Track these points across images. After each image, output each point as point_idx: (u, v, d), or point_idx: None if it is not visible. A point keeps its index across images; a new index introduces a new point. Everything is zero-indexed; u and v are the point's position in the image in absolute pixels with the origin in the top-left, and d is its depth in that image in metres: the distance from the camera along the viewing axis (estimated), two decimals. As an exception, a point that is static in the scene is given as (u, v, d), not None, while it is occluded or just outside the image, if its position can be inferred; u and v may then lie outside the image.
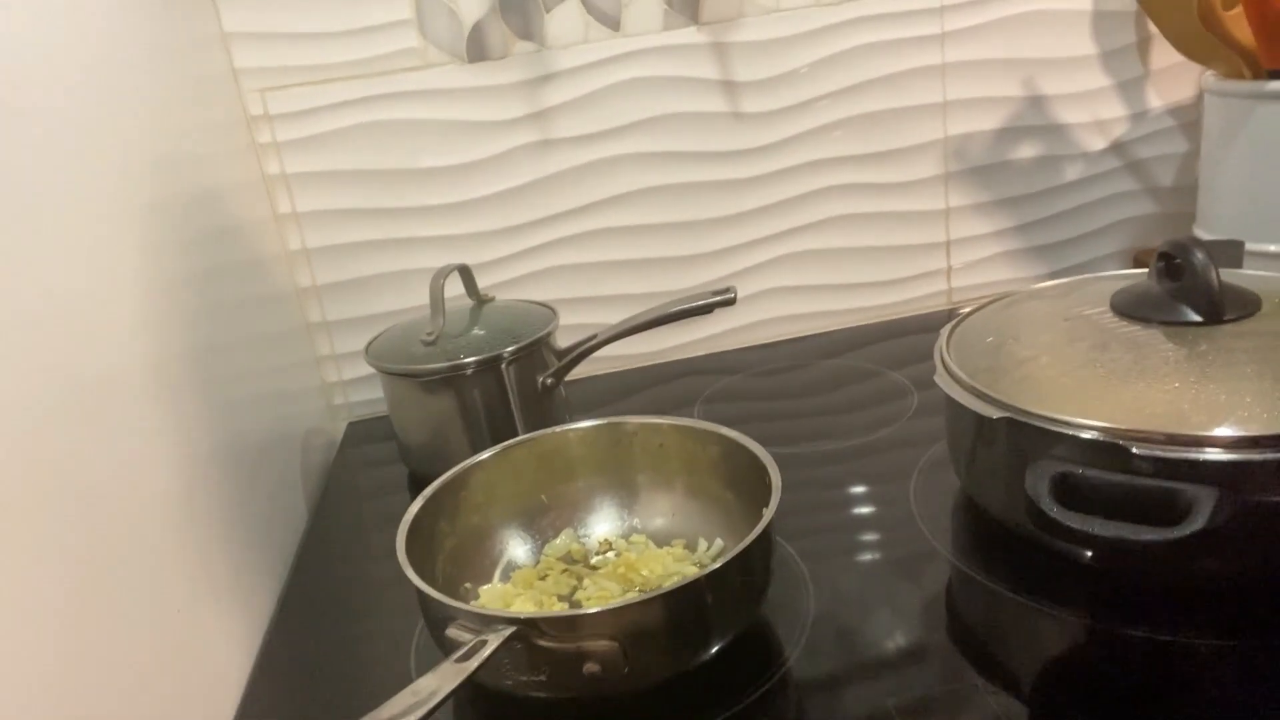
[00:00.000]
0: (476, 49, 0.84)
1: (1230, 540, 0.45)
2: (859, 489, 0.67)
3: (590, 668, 0.43)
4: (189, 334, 0.60)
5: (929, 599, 0.55)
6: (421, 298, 0.78)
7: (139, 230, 0.55)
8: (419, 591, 0.47)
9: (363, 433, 0.91)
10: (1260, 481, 0.45)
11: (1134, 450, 0.46)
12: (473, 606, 0.44)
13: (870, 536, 0.61)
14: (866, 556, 0.60)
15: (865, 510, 0.65)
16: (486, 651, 0.40)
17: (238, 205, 0.77)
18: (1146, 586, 0.51)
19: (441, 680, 0.38)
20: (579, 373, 0.78)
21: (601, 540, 0.61)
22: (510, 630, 0.42)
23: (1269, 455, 0.44)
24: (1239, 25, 0.80)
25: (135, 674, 0.45)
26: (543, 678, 0.44)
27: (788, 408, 0.83)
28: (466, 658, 0.40)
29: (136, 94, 0.60)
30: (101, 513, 0.45)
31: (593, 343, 0.74)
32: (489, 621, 0.43)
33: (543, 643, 0.43)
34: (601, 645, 0.43)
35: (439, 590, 0.54)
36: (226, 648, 0.56)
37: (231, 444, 0.65)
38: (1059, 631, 0.51)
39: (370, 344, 0.77)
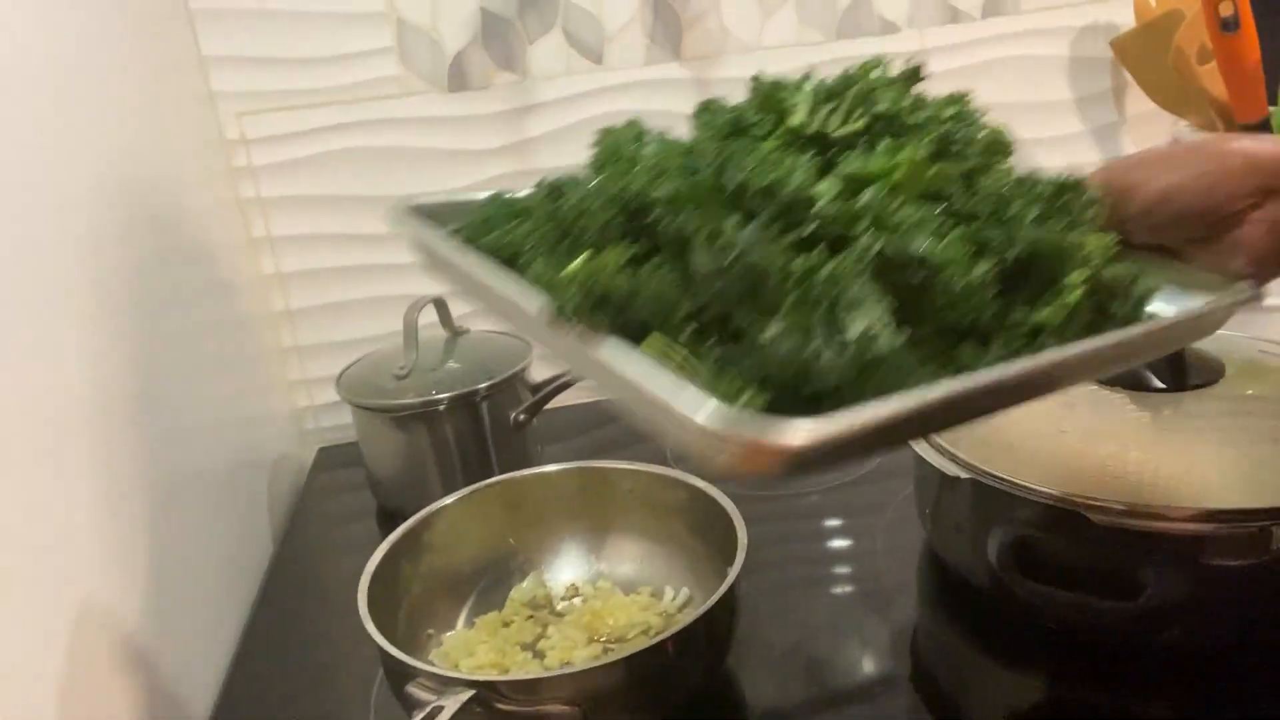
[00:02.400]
0: (458, 78, 0.84)
1: (1189, 612, 0.46)
2: (825, 534, 0.68)
3: (549, 730, 0.43)
4: (155, 357, 0.59)
5: (893, 649, 0.55)
6: (395, 324, 0.78)
7: (107, 251, 0.55)
8: (380, 650, 0.46)
9: (333, 458, 0.90)
10: (1219, 555, 0.45)
11: (1093, 519, 0.47)
12: (431, 666, 0.43)
13: (835, 573, 0.62)
14: (830, 594, 0.60)
15: (830, 556, 0.65)
16: (444, 717, 0.40)
17: (211, 228, 0.77)
18: (1106, 651, 0.52)
19: (398, 750, 0.38)
20: (552, 403, 0.78)
21: (568, 585, 0.61)
22: (468, 694, 0.42)
23: (1227, 528, 0.45)
24: (1213, 79, 0.81)
25: (85, 710, 0.45)
26: (501, 739, 0.44)
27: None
28: (423, 725, 0.40)
29: (108, 113, 0.59)
30: (55, 541, 0.45)
31: (565, 379, 0.74)
32: (447, 683, 0.43)
33: (501, 706, 0.43)
34: (561, 709, 0.43)
35: (402, 636, 0.54)
36: (187, 686, 0.56)
37: (197, 470, 0.64)
38: (1019, 690, 0.51)
39: (342, 375, 0.76)
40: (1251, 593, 0.47)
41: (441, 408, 0.70)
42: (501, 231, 0.40)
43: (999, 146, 0.41)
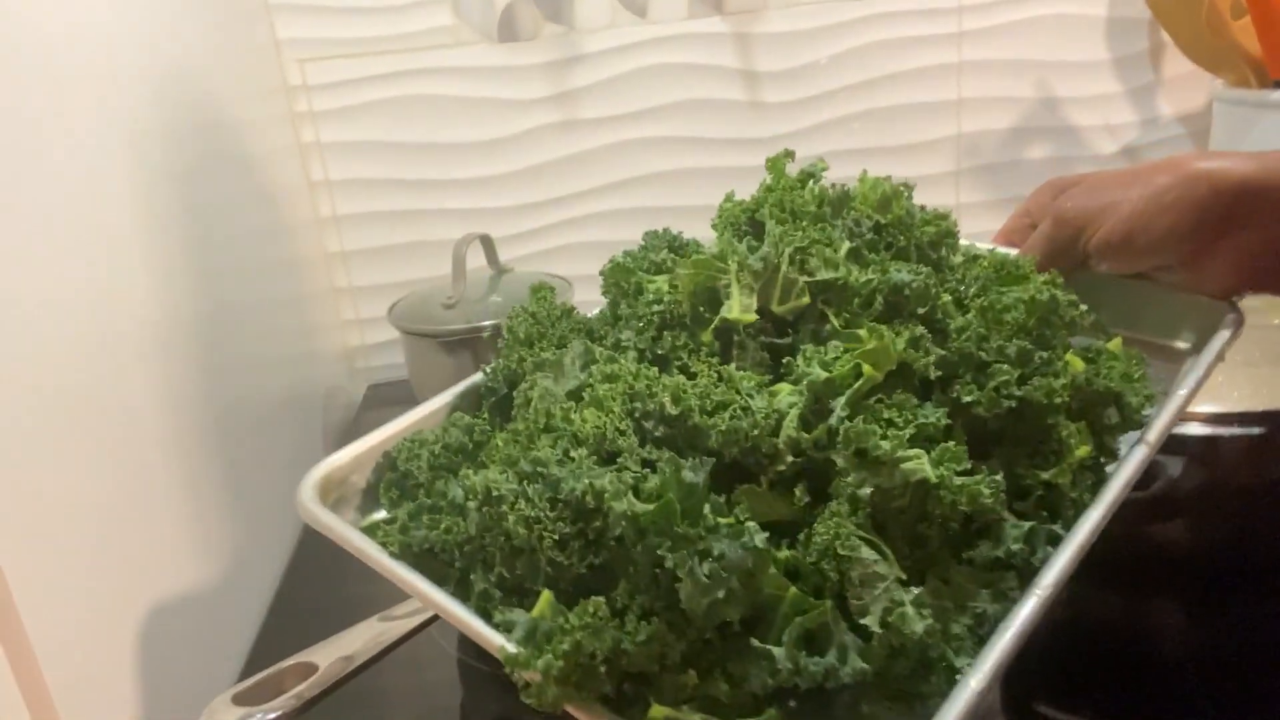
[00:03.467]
0: (507, 29, 0.88)
1: (1195, 509, 0.48)
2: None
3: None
4: (217, 293, 0.63)
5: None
6: (444, 268, 0.81)
7: (175, 189, 0.59)
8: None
9: (382, 394, 0.94)
10: (1223, 455, 0.47)
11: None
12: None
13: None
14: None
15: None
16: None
17: (274, 170, 0.81)
18: (1119, 557, 0.54)
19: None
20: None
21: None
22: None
23: (1235, 431, 0.47)
24: (1247, 35, 0.82)
25: (133, 624, 0.49)
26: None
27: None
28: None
29: (179, 58, 0.63)
30: (102, 461, 0.49)
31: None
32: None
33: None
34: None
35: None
36: (245, 588, 0.60)
37: (255, 400, 0.68)
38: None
39: (393, 306, 0.80)
40: (1253, 493, 0.49)
41: (485, 334, 0.74)
42: (429, 529, 0.34)
43: (943, 234, 0.41)
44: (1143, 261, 0.41)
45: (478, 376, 0.42)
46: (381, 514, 0.37)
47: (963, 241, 0.44)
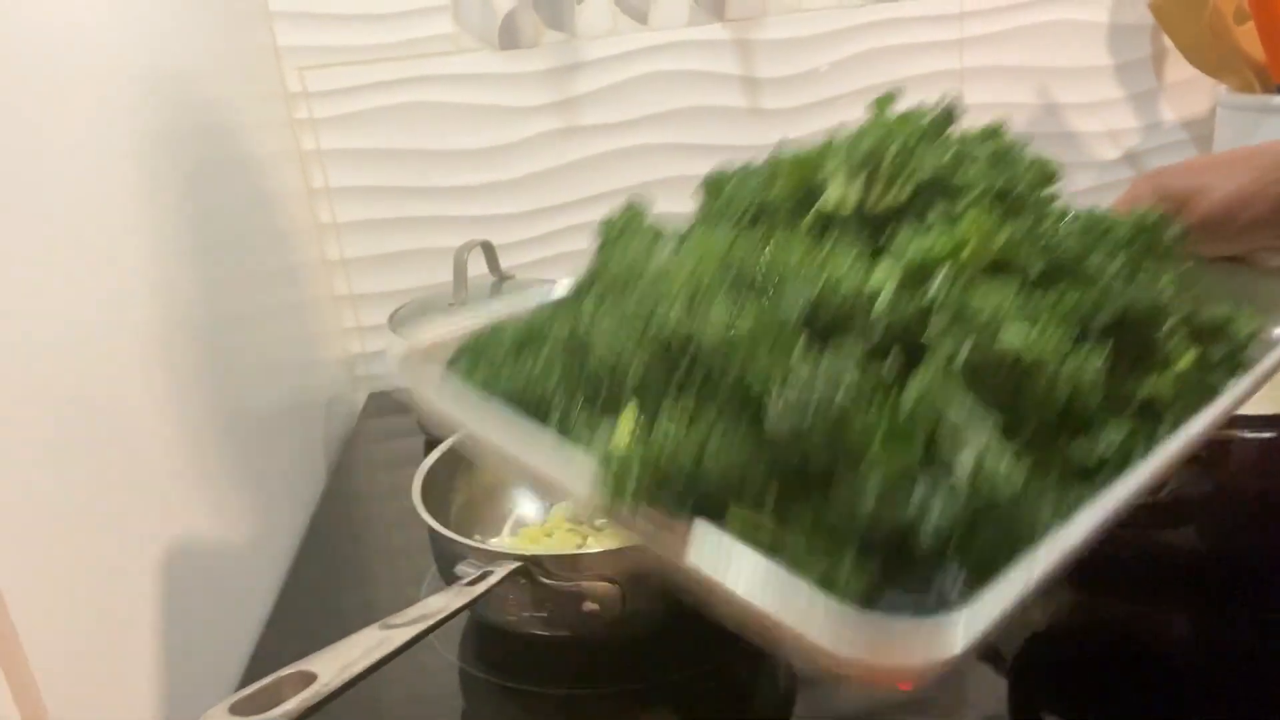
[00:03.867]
0: (508, 36, 0.87)
1: (1205, 513, 0.47)
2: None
3: (589, 606, 0.46)
4: (218, 301, 0.63)
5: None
6: (445, 275, 0.81)
7: (175, 196, 0.58)
8: (431, 532, 0.49)
9: (382, 403, 0.94)
10: (1232, 458, 0.47)
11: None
12: (479, 544, 0.46)
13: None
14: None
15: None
16: (492, 580, 0.43)
17: (273, 178, 0.81)
18: (1127, 562, 0.53)
19: (449, 600, 0.41)
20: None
21: (607, 503, 0.64)
22: (514, 565, 0.45)
23: (1245, 434, 0.46)
24: (1250, 40, 0.82)
25: (143, 626, 0.48)
26: (544, 614, 0.47)
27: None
28: (473, 583, 0.42)
29: (181, 64, 0.63)
30: (111, 465, 0.48)
31: (607, 320, 0.77)
32: (495, 558, 0.46)
33: (545, 579, 0.46)
34: (601, 585, 0.45)
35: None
36: (246, 599, 0.59)
37: (253, 408, 0.68)
38: (1041, 605, 0.53)
39: (394, 314, 0.80)
40: (1265, 497, 0.49)
41: (488, 342, 0.74)
42: (516, 371, 0.34)
43: (1046, 176, 0.39)
44: (1242, 241, 0.40)
45: (566, 283, 0.41)
46: None
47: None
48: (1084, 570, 0.53)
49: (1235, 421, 0.47)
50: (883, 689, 0.24)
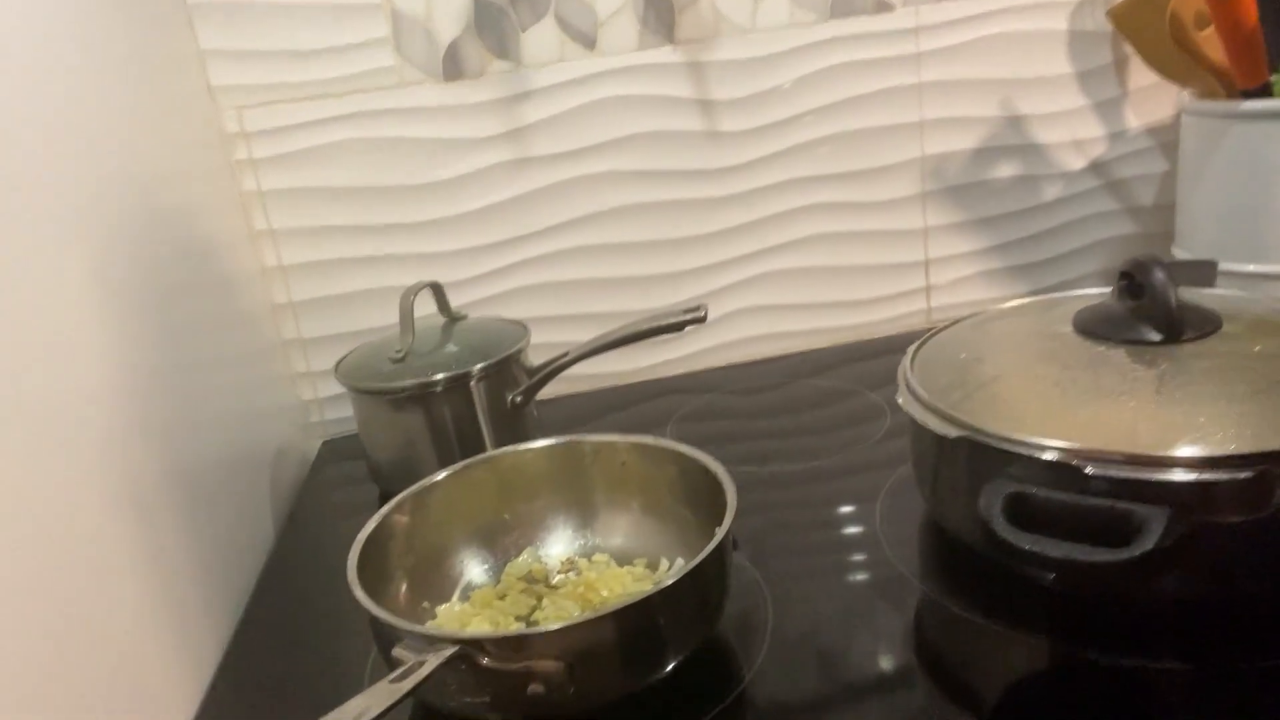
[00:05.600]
0: (452, 67, 0.85)
1: (1183, 561, 0.44)
2: (825, 510, 0.67)
3: (535, 689, 0.43)
4: (153, 351, 0.60)
5: (890, 621, 0.54)
6: (397, 315, 0.78)
7: (104, 248, 0.55)
8: (366, 610, 0.46)
9: (337, 451, 0.90)
10: (1212, 502, 0.44)
11: (1087, 470, 0.46)
12: (415, 627, 0.43)
13: (835, 558, 0.61)
14: (830, 578, 0.59)
15: (831, 531, 0.64)
16: (424, 672, 0.40)
17: (212, 222, 0.77)
18: (1108, 609, 0.51)
19: (371, 700, 0.38)
20: (552, 392, 0.78)
21: (564, 559, 0.61)
22: (451, 650, 0.42)
23: (1221, 476, 0.44)
24: (1212, 45, 0.80)
25: (77, 695, 0.45)
26: (487, 699, 0.44)
27: (760, 428, 0.83)
28: (402, 678, 0.39)
29: (107, 109, 0.60)
30: (49, 527, 0.45)
31: (563, 361, 0.74)
32: (432, 642, 0.43)
33: (486, 663, 0.42)
34: (547, 666, 0.42)
35: (397, 611, 0.54)
36: (179, 669, 0.56)
37: (196, 463, 0.64)
38: (1020, 655, 0.50)
39: (340, 362, 0.76)
40: (1251, 541, 0.46)
41: (438, 389, 0.70)
42: None
43: None
44: None
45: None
46: None
47: None
48: (1066, 619, 0.51)
49: (1208, 462, 0.44)
50: None
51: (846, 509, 0.66)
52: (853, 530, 0.64)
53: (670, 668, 0.47)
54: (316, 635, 0.61)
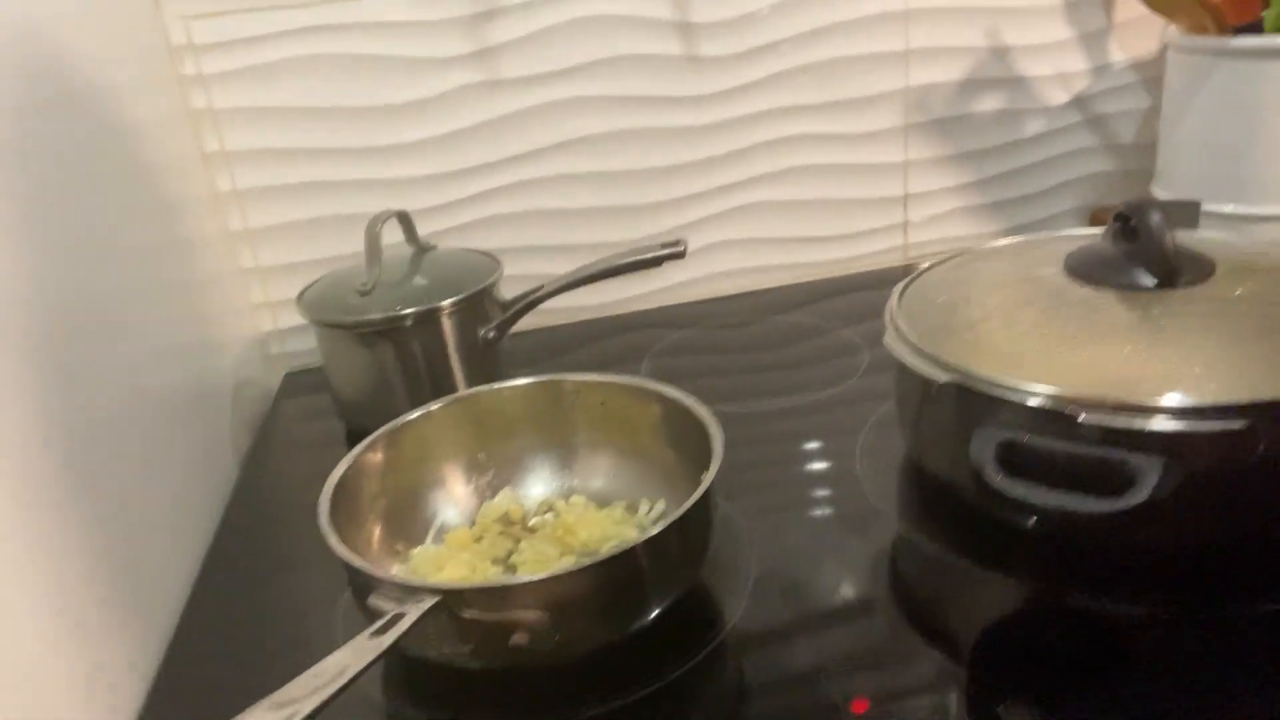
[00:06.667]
0: (418, -20, 0.79)
1: (1174, 512, 0.44)
2: (805, 447, 0.66)
3: (518, 639, 0.41)
4: (103, 278, 0.56)
5: (872, 560, 0.54)
6: (361, 243, 0.74)
7: (43, 168, 0.51)
8: (340, 558, 0.45)
9: (300, 383, 0.87)
10: (1206, 452, 0.44)
11: (1080, 418, 0.45)
12: (394, 576, 0.42)
13: (815, 495, 0.60)
14: (810, 516, 0.58)
15: (811, 469, 0.64)
16: (404, 625, 0.38)
17: (158, 141, 0.73)
18: (1089, 555, 0.51)
19: (352, 657, 0.36)
20: (524, 325, 0.76)
21: (541, 501, 0.59)
22: (432, 601, 0.40)
23: (1215, 426, 0.43)
24: (1205, -22, 0.78)
25: (10, 664, 0.43)
26: (468, 649, 0.42)
27: (738, 363, 0.81)
28: (382, 632, 0.38)
29: (44, 15, 0.55)
30: (-6, 474, 0.42)
31: (537, 295, 0.72)
32: (411, 591, 0.41)
33: (468, 614, 0.41)
34: (529, 616, 0.41)
35: (370, 553, 0.53)
36: (139, 622, 0.54)
37: (146, 398, 0.61)
38: (1001, 597, 0.50)
39: (303, 293, 0.73)
40: (1241, 489, 0.46)
41: (407, 324, 0.68)
42: None
43: None
44: None
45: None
46: None
47: None
48: (1047, 562, 0.51)
49: (1203, 412, 0.44)
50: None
51: (827, 445, 0.66)
52: (833, 467, 0.63)
53: (652, 616, 0.46)
54: (285, 576, 0.60)
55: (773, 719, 0.44)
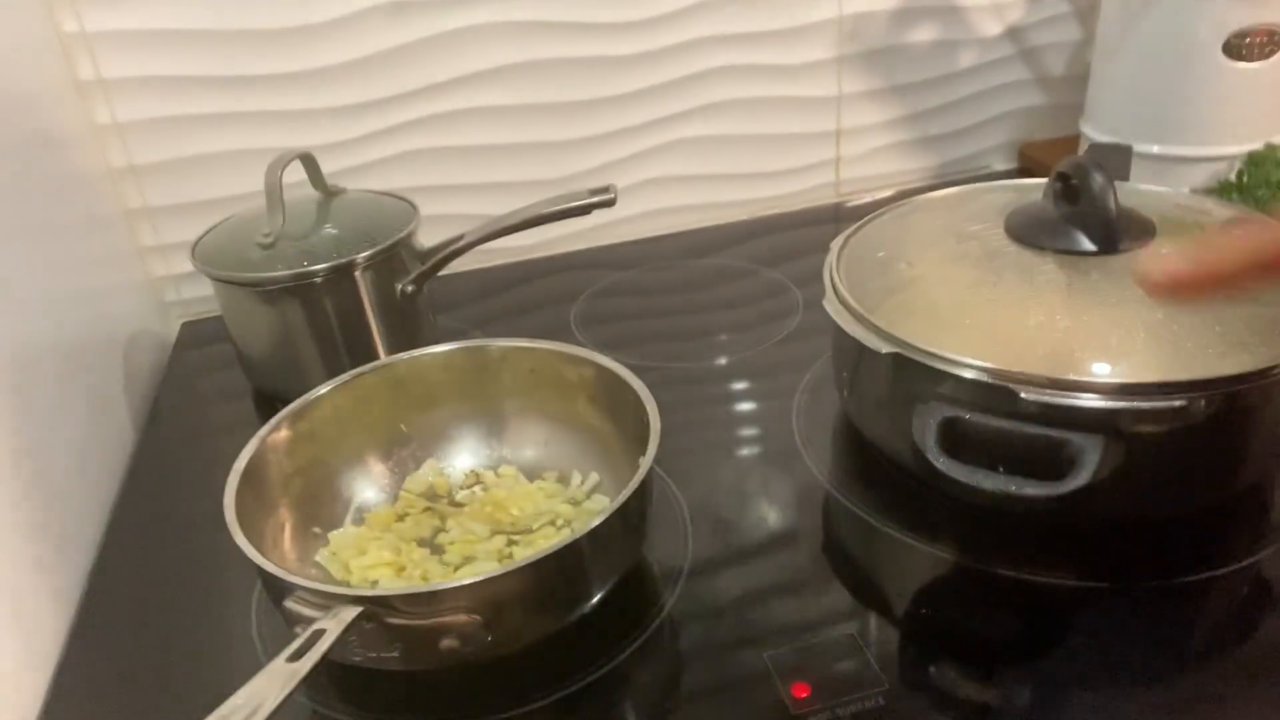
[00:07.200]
0: (313, -113, 0.71)
1: (1110, 489, 0.44)
2: (741, 407, 0.65)
3: (449, 643, 0.39)
4: None
5: (809, 531, 0.53)
6: (259, 182, 0.68)
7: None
8: (250, 560, 0.41)
9: (200, 333, 0.81)
10: (1146, 430, 0.44)
11: (1021, 394, 0.44)
12: (312, 584, 0.39)
13: (746, 448, 0.59)
14: (742, 469, 0.58)
15: (744, 430, 0.62)
16: (325, 644, 0.36)
17: (23, 70, 0.65)
18: (1023, 529, 0.51)
19: (267, 686, 0.33)
20: (445, 269, 0.71)
21: (467, 473, 0.57)
22: (355, 612, 0.38)
23: (1157, 403, 0.43)
24: (1147, -90, 0.76)
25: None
26: (396, 653, 0.40)
27: (669, 308, 0.79)
28: (300, 655, 0.35)
29: None
30: None
31: (458, 245, 0.67)
32: (330, 598, 0.39)
33: (394, 620, 0.39)
34: (460, 620, 0.39)
35: (285, 541, 0.49)
36: (39, 599, 0.50)
37: (33, 349, 0.56)
38: (935, 568, 0.50)
39: (198, 243, 0.67)
40: (1180, 463, 0.46)
41: (317, 280, 0.63)
42: None
43: None
44: None
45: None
46: None
47: None
48: (984, 538, 0.51)
49: (1147, 389, 0.43)
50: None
51: (759, 398, 0.65)
52: (764, 423, 0.62)
53: (589, 607, 0.45)
54: (193, 555, 0.56)
55: (714, 693, 0.43)
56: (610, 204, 0.65)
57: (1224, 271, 0.35)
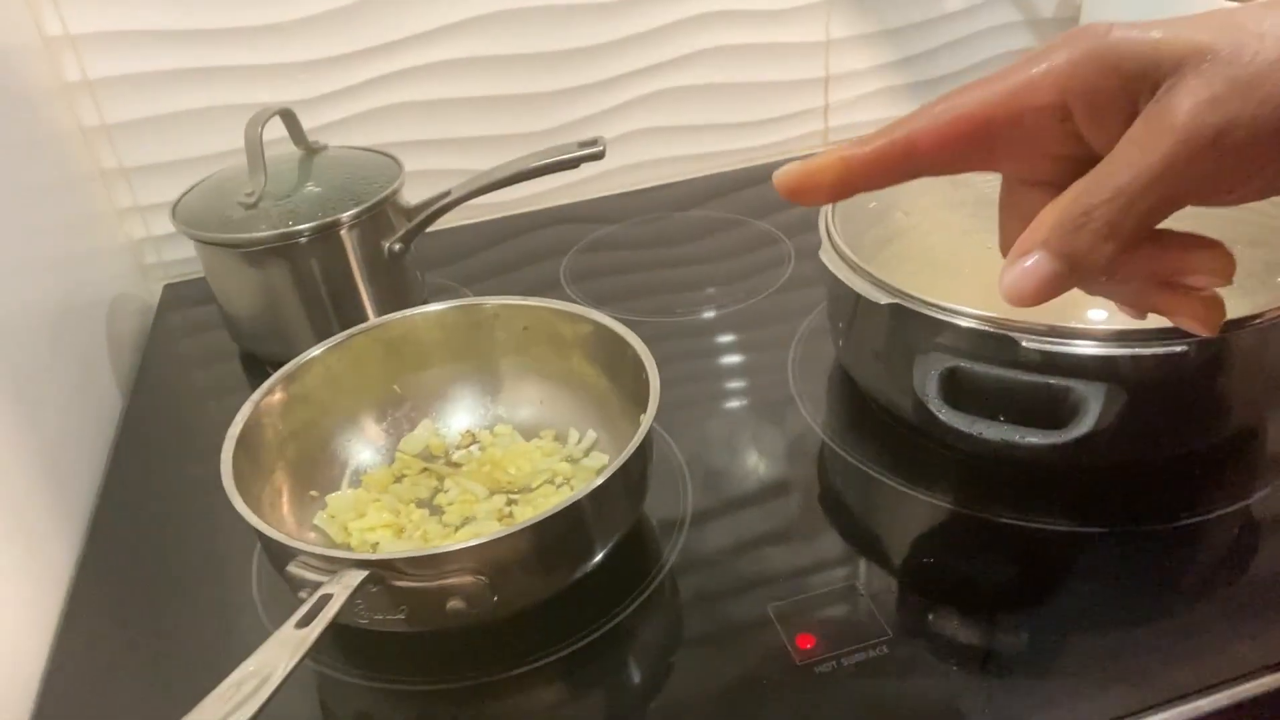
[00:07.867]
0: None
1: (1110, 436, 0.44)
2: (735, 360, 0.65)
3: (454, 604, 0.39)
4: None
5: (805, 482, 0.53)
6: (238, 140, 0.66)
7: None
8: (251, 526, 0.41)
9: (183, 295, 0.80)
10: (1148, 376, 0.44)
11: (1023, 343, 0.44)
12: (315, 548, 0.38)
13: (741, 399, 0.59)
14: (737, 421, 0.58)
15: (739, 383, 0.62)
16: (332, 609, 0.36)
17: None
18: (1021, 476, 0.51)
19: (278, 654, 0.33)
20: (432, 225, 0.70)
21: (463, 433, 0.56)
22: (361, 576, 0.37)
23: (1159, 349, 0.43)
24: None
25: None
26: (401, 616, 0.40)
27: (660, 261, 0.78)
28: (308, 620, 0.35)
29: None
30: None
31: (445, 202, 0.66)
32: (334, 563, 0.38)
33: (400, 583, 0.39)
34: (466, 581, 0.39)
35: (282, 505, 0.49)
36: (35, 572, 0.49)
37: (11, 316, 0.54)
38: (933, 517, 0.51)
39: (178, 203, 0.65)
40: (1179, 409, 0.46)
41: (302, 240, 0.61)
42: None
43: None
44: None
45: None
46: None
47: None
48: (981, 486, 0.51)
49: (1147, 335, 0.43)
50: None
51: (755, 349, 0.64)
52: (762, 381, 0.62)
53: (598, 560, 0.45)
54: (189, 521, 0.55)
55: (719, 646, 0.44)
56: (599, 156, 0.64)
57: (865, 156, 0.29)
